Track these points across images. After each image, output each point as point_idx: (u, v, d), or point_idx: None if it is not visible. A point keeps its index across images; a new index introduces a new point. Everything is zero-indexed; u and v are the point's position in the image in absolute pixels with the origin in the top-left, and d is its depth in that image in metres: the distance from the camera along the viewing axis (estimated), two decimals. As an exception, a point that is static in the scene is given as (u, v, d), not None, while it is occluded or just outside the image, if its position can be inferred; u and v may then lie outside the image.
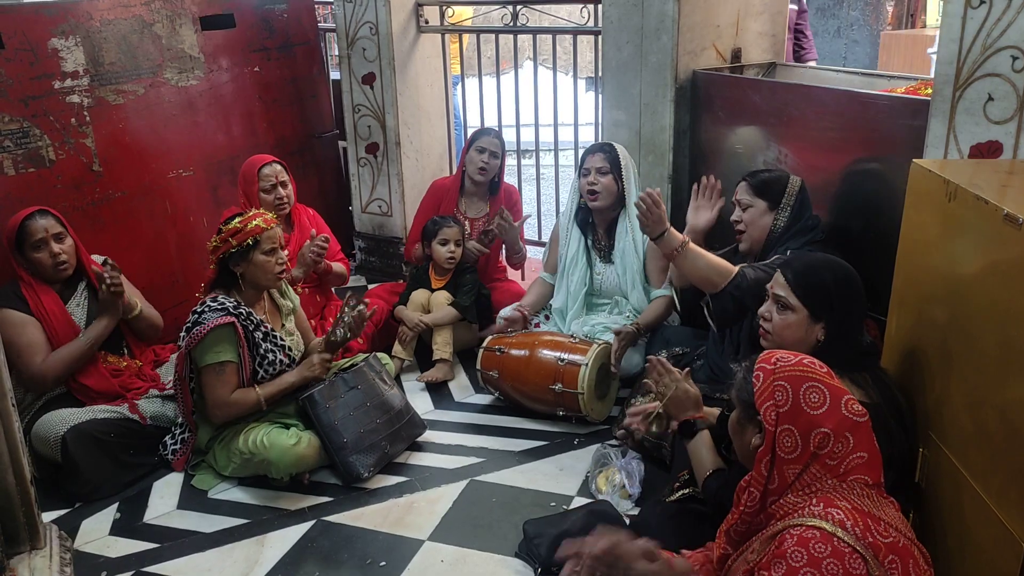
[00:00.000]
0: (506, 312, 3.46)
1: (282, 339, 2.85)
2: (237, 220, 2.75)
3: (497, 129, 3.96)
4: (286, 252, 2.83)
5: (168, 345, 3.28)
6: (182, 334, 2.73)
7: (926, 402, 2.00)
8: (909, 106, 2.65)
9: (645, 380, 2.32)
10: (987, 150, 2.37)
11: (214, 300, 2.72)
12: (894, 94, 2.83)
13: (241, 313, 2.72)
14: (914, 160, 2.12)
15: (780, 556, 1.46)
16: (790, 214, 2.69)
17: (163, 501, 2.76)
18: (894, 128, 2.69)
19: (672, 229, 2.67)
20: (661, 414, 2.19)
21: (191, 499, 2.77)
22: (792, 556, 1.44)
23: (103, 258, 2.98)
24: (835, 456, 1.56)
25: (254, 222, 2.73)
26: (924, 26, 7.50)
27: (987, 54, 2.32)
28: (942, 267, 1.95)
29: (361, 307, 2.88)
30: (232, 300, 2.73)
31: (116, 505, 2.74)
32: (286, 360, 2.84)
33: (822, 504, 1.51)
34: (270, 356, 2.79)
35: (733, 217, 2.79)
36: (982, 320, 1.75)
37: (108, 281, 2.82)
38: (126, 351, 3.07)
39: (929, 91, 2.54)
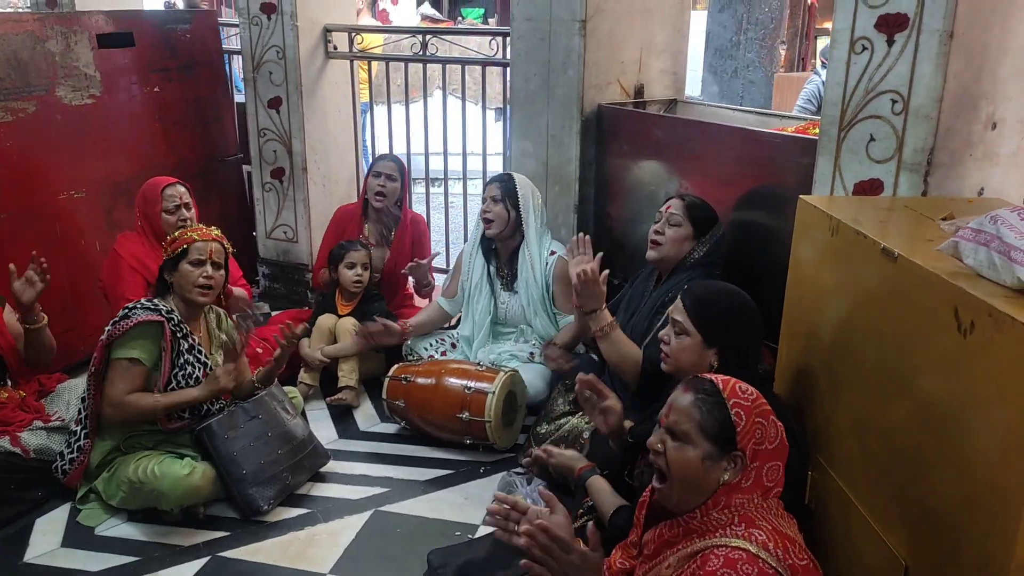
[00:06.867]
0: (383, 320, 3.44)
1: (206, 357, 2.78)
2: (178, 231, 2.83)
3: (396, 155, 3.99)
4: (221, 273, 2.80)
5: (54, 375, 3.12)
6: (107, 328, 2.66)
7: (815, 426, 2.09)
8: (799, 144, 2.78)
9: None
10: (869, 187, 2.51)
11: (149, 300, 2.72)
12: (785, 133, 2.97)
13: (172, 318, 2.69)
14: (801, 196, 2.23)
15: None
16: (707, 250, 2.75)
17: (46, 539, 2.61)
18: (785, 165, 2.82)
19: (605, 310, 2.70)
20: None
21: (76, 536, 2.63)
22: None
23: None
24: (773, 479, 1.64)
25: (188, 234, 2.78)
26: (813, 69, 7.92)
27: (869, 97, 2.46)
28: (827, 297, 2.05)
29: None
30: (167, 305, 2.71)
31: (-7, 545, 2.58)
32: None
33: (744, 524, 1.56)
34: (188, 368, 2.71)
35: (656, 227, 2.79)
36: (864, 347, 1.84)
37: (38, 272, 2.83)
38: (9, 382, 2.90)
39: (817, 131, 2.68)
